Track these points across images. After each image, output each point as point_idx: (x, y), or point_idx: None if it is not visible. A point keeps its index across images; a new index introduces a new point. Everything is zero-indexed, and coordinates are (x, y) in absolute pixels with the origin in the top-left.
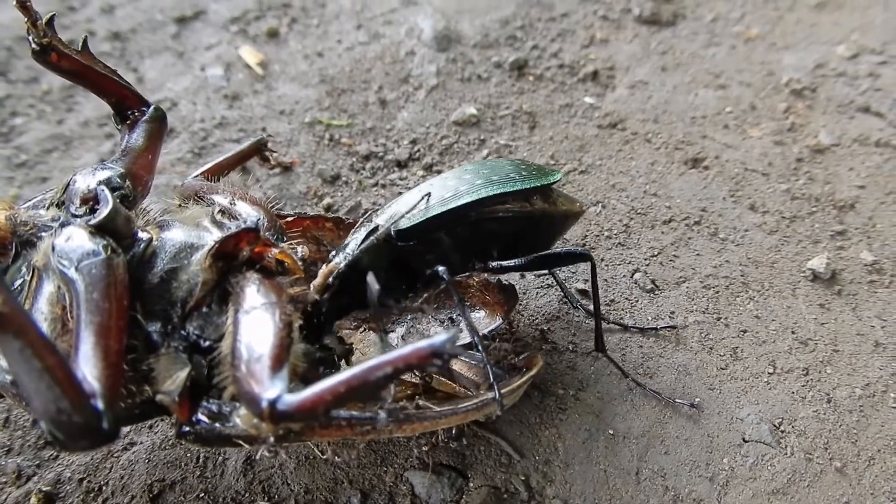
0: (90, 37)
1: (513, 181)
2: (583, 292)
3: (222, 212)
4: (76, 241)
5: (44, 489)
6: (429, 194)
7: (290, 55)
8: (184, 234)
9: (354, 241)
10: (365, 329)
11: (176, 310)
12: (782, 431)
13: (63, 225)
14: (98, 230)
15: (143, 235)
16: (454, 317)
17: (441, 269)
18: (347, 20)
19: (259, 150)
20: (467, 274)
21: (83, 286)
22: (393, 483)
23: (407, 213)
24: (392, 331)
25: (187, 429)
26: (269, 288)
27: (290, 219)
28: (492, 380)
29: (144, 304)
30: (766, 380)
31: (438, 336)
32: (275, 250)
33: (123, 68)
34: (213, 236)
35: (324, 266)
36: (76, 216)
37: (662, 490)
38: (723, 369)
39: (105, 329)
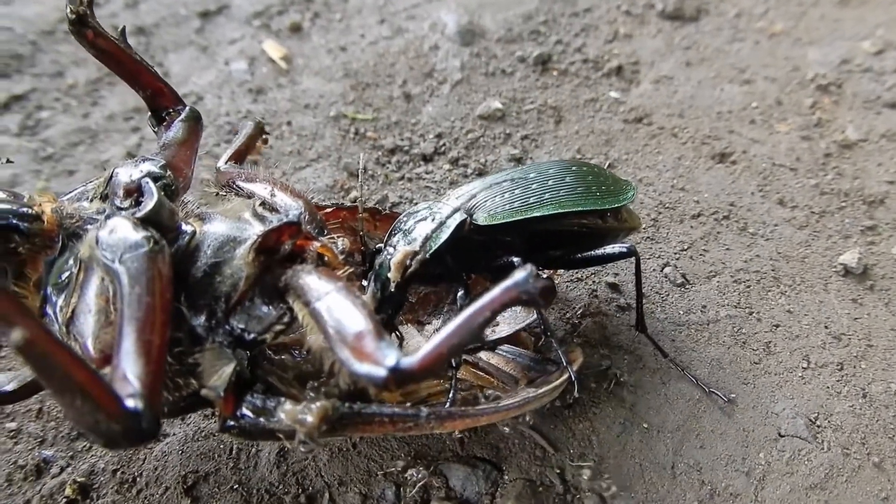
0: (115, 31)
1: (593, 198)
2: (612, 286)
3: (263, 204)
4: (120, 232)
5: (78, 480)
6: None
7: (313, 49)
8: (226, 228)
9: (435, 226)
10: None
11: (220, 304)
12: (818, 426)
13: (108, 217)
14: (143, 223)
15: (186, 228)
16: None
17: (516, 260)
18: (370, 14)
19: (262, 130)
20: None
21: (126, 279)
22: (428, 476)
23: (490, 212)
24: (428, 322)
25: (231, 423)
26: (327, 275)
27: (328, 210)
28: (564, 362)
29: (189, 297)
30: (800, 374)
31: (518, 274)
32: (316, 244)
33: (149, 62)
34: (255, 230)
35: (398, 253)
36: (121, 208)
37: (699, 484)
38: (756, 363)
39: (147, 324)
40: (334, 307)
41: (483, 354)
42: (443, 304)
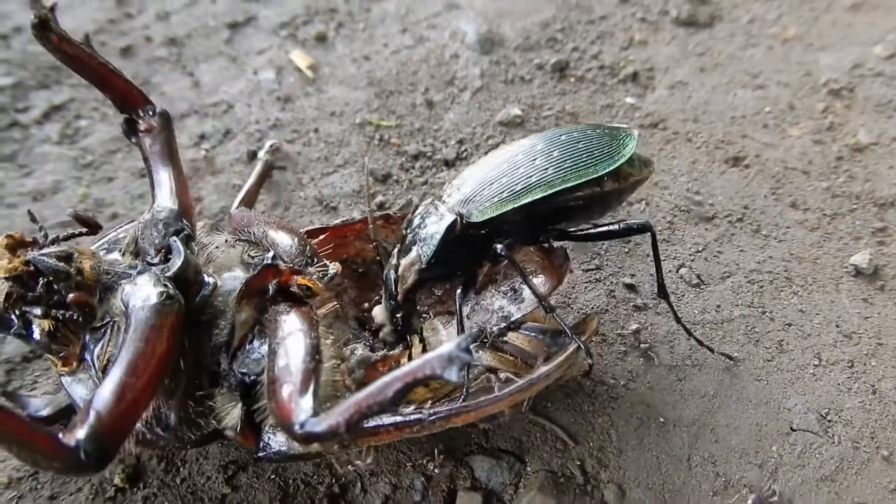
0: (147, 42)
1: (584, 168)
2: (629, 286)
3: (257, 244)
4: (141, 286)
5: (126, 470)
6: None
7: (338, 59)
8: (224, 279)
9: (427, 234)
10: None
11: (223, 352)
12: (829, 421)
13: (140, 273)
14: (169, 279)
15: (209, 280)
16: (516, 287)
17: (499, 246)
18: (392, 24)
19: (271, 167)
20: None
21: (131, 326)
22: (454, 467)
23: (479, 207)
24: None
25: (260, 454)
26: (296, 316)
27: (338, 224)
28: (569, 333)
29: (202, 345)
30: (811, 371)
31: (446, 346)
32: (297, 278)
33: (180, 72)
34: (241, 278)
35: (399, 266)
36: (151, 264)
37: (713, 476)
38: (769, 361)
39: (132, 368)
40: (279, 354)
41: (510, 335)
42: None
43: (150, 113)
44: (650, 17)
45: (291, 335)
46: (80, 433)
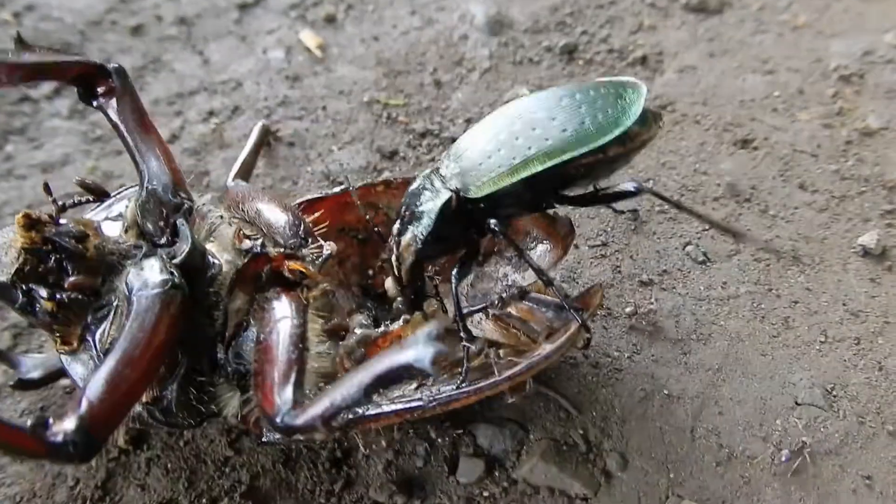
0: (158, 21)
1: (586, 135)
2: (635, 262)
3: (253, 222)
4: (146, 271)
5: (130, 431)
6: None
7: (347, 39)
8: (223, 261)
9: (423, 211)
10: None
11: (219, 340)
12: (834, 396)
13: (146, 255)
14: (177, 267)
15: (214, 262)
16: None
17: (493, 222)
18: (401, 6)
19: (268, 133)
20: None
21: (132, 312)
22: (456, 435)
23: (476, 182)
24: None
25: (264, 439)
26: (282, 304)
27: (337, 192)
28: (568, 309)
29: (203, 330)
30: (817, 348)
31: (417, 336)
32: (290, 263)
33: (190, 51)
34: (232, 266)
35: (396, 248)
36: (157, 246)
37: (717, 447)
38: (775, 337)
39: (128, 357)
40: (262, 345)
41: (513, 307)
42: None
43: (105, 73)
44: (660, 2)
45: (276, 325)
46: (69, 425)
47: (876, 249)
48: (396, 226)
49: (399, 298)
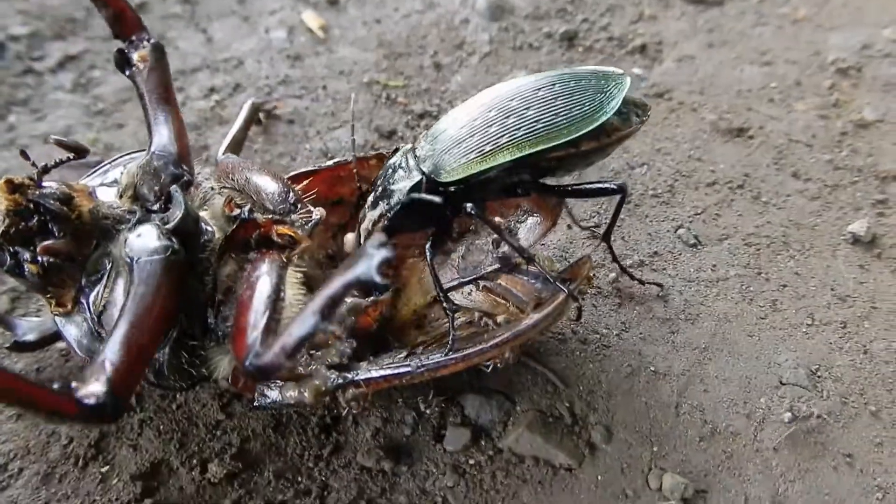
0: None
1: (559, 130)
2: (626, 243)
3: (240, 191)
4: (145, 237)
5: None
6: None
7: (349, 21)
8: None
9: (395, 189)
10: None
11: (209, 305)
12: (819, 377)
13: (140, 221)
14: (171, 231)
15: (208, 229)
16: (511, 227)
17: (469, 206)
18: None
19: (258, 110)
20: None
21: (136, 278)
22: (444, 405)
23: (447, 167)
24: (453, 251)
25: (255, 404)
26: (262, 260)
27: (330, 166)
28: (553, 282)
29: (195, 295)
30: (804, 330)
31: (360, 264)
32: (278, 227)
33: (193, 29)
34: (223, 233)
35: (364, 221)
36: (151, 211)
37: (701, 423)
38: (762, 319)
39: (139, 322)
40: (239, 300)
41: (503, 279)
42: (464, 232)
43: (144, 43)
44: None
45: (252, 280)
46: (99, 388)
47: (866, 237)
48: (370, 199)
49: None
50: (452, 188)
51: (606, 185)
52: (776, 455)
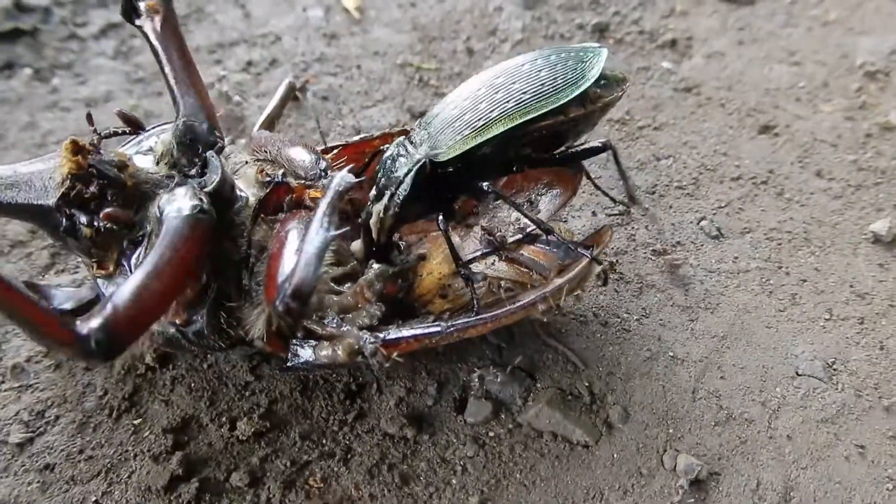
0: None
1: (546, 98)
2: (650, 231)
3: (273, 161)
4: (177, 196)
5: (158, 351)
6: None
7: (385, 3)
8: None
9: (398, 177)
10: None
11: (243, 268)
12: (834, 369)
13: (178, 185)
14: (207, 195)
15: (242, 195)
16: (532, 199)
17: (485, 185)
18: None
19: (294, 89)
20: None
21: (162, 232)
22: (466, 378)
23: (445, 145)
24: (475, 224)
25: (288, 364)
26: (291, 218)
27: (356, 141)
28: (575, 249)
29: (231, 258)
30: (822, 324)
31: (334, 179)
32: (310, 191)
33: (232, 4)
34: (257, 199)
35: (373, 214)
36: (188, 177)
37: (717, 408)
38: (781, 311)
39: (155, 271)
40: (270, 255)
41: (525, 249)
42: (478, 206)
43: None
44: None
45: (283, 236)
46: (94, 323)
47: (887, 237)
48: (372, 193)
49: (372, 263)
50: (450, 168)
51: (592, 146)
52: (790, 443)
